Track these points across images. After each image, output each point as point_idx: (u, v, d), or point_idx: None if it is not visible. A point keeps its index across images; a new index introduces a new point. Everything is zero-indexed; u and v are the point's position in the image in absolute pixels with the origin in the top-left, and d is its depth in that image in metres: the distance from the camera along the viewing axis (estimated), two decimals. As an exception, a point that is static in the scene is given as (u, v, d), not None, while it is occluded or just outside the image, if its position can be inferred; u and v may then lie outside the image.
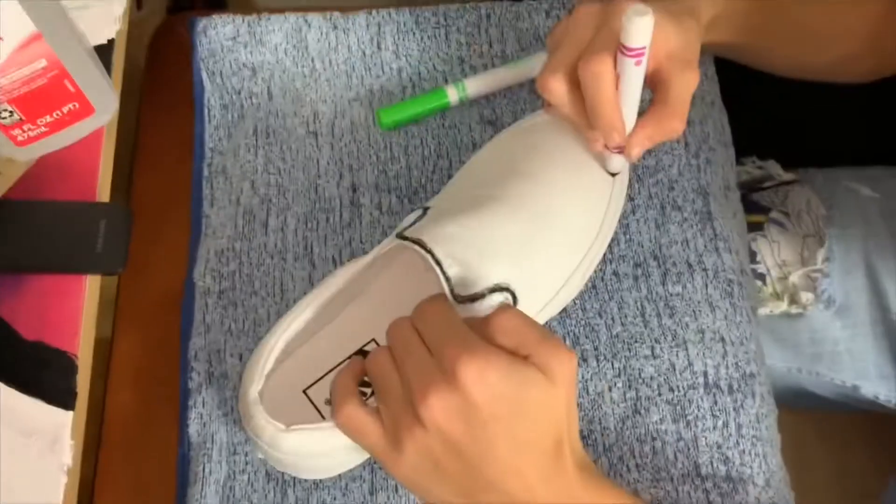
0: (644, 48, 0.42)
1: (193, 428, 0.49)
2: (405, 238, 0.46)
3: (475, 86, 0.59)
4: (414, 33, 0.61)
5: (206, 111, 0.58)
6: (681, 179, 0.58)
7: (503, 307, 0.42)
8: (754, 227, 0.73)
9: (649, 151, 0.58)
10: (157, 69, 0.62)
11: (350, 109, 0.59)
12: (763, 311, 0.70)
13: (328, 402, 0.49)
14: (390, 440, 0.41)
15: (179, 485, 0.49)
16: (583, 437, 0.50)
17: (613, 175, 0.51)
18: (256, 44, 0.60)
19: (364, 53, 0.61)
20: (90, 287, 0.44)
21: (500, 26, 0.62)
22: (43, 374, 0.41)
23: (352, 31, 0.61)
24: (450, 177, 0.57)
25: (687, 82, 0.47)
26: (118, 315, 0.55)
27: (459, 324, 0.41)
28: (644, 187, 0.57)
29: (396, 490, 0.48)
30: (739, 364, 0.53)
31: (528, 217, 0.49)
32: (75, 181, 0.46)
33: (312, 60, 0.60)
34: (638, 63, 0.43)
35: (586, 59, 0.44)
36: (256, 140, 0.57)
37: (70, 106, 0.44)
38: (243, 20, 0.60)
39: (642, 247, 0.55)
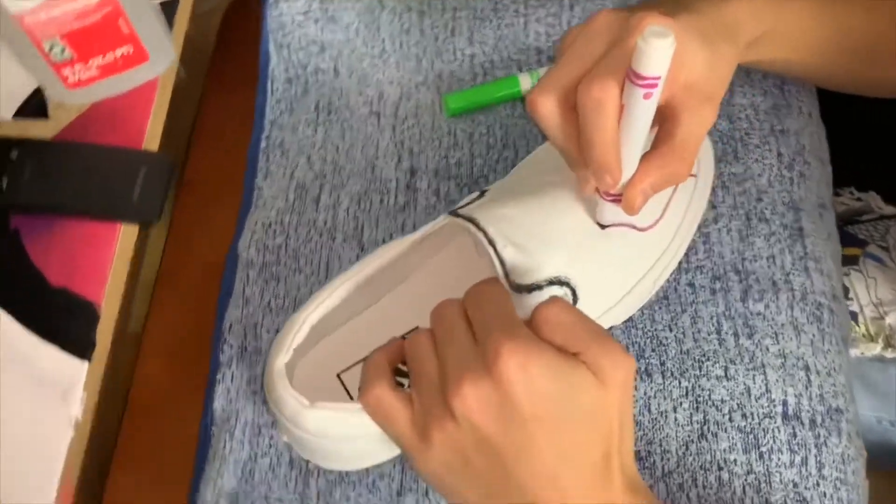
0: (658, 78, 0.35)
1: (219, 403, 0.46)
2: (458, 215, 0.42)
3: (551, 77, 0.55)
4: (491, 21, 0.58)
5: (269, 83, 0.56)
6: (770, 191, 0.52)
7: (554, 298, 0.37)
8: (848, 261, 0.66)
9: (735, 157, 0.54)
10: (228, 43, 0.61)
11: (416, 93, 0.56)
12: (853, 352, 0.64)
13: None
14: (419, 430, 0.37)
15: (198, 460, 0.46)
16: (640, 459, 0.45)
17: (603, 227, 0.44)
18: (328, 21, 0.58)
19: (437, 38, 0.58)
20: (124, 239, 0.41)
21: (583, 18, 0.58)
22: (64, 322, 0.39)
23: (426, 15, 0.58)
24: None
25: (701, 120, 0.39)
26: (158, 286, 0.53)
27: (511, 311, 0.37)
28: (729, 195, 0.52)
29: (427, 494, 0.44)
30: (825, 396, 0.47)
31: (595, 209, 0.44)
32: (122, 133, 0.44)
33: (383, 41, 0.58)
34: (647, 96, 0.35)
35: (588, 82, 0.37)
36: (317, 116, 0.55)
37: (124, 49, 0.42)
38: (317, -4, 0.58)
39: (723, 258, 0.50)
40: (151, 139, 0.45)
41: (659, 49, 0.33)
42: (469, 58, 0.57)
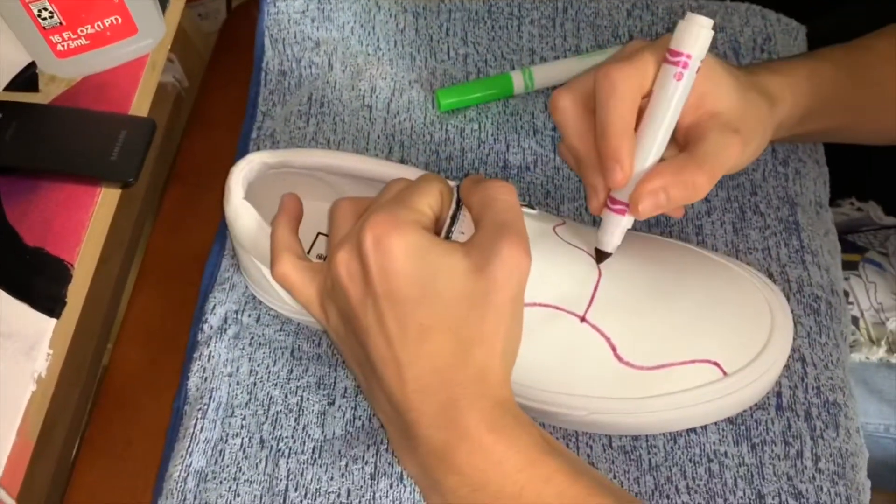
0: (690, 58, 0.36)
1: (193, 381, 0.45)
2: None
3: (543, 74, 0.55)
4: (485, 21, 0.59)
5: (262, 75, 0.56)
6: (765, 185, 0.52)
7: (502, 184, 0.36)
8: (848, 266, 0.65)
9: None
10: (229, 41, 0.62)
11: (409, 89, 0.56)
12: (856, 357, 0.61)
13: (320, 256, 0.46)
14: (321, 297, 0.37)
15: (169, 438, 0.44)
16: (624, 453, 0.43)
17: (602, 258, 0.40)
18: (324, 20, 0.59)
19: (431, 38, 0.58)
20: (103, 202, 0.41)
21: (576, 20, 0.58)
22: (36, 280, 0.38)
23: (421, 16, 0.59)
24: (506, 161, 0.53)
25: (726, 144, 0.38)
26: (141, 272, 0.53)
27: (408, 193, 0.36)
28: (723, 189, 0.51)
29: (401, 479, 0.42)
30: (822, 389, 0.45)
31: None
32: (107, 107, 0.45)
33: (378, 40, 0.58)
34: (678, 77, 0.36)
35: (605, 68, 0.37)
36: (310, 108, 0.55)
37: (112, 19, 0.43)
38: (314, -3, 0.59)
39: (716, 250, 0.49)
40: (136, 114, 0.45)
41: (696, 26, 0.35)
42: (462, 57, 0.58)
